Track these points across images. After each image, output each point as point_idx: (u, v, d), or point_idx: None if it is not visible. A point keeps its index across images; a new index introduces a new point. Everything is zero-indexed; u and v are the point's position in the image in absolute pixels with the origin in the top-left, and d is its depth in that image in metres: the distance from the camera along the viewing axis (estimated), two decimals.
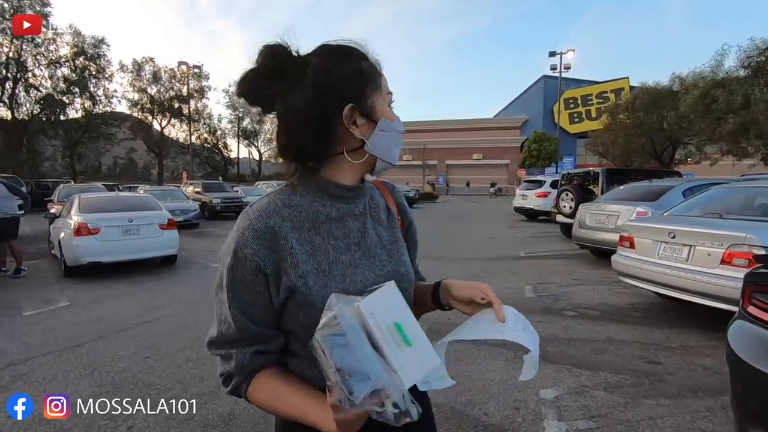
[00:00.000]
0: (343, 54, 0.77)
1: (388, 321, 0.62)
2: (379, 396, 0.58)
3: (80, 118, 29.88)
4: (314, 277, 0.73)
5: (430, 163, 41.47)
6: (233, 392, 0.79)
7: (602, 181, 9.55)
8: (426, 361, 0.64)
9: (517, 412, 2.55)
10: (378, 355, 0.60)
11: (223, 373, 0.79)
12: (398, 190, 0.99)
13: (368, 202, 0.86)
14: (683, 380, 2.94)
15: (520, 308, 3.26)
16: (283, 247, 0.73)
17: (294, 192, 0.79)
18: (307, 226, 0.77)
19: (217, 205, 15.76)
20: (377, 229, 0.85)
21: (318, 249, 0.76)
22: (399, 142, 0.83)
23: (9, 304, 4.99)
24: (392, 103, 0.83)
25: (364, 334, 0.60)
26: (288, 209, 0.76)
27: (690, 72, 19.28)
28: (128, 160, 63.51)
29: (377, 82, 0.78)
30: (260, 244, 0.72)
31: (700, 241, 3.71)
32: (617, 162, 23.72)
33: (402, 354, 0.61)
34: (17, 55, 25.29)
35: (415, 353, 0.63)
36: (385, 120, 0.78)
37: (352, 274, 0.77)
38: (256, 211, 0.75)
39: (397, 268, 0.83)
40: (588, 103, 43.87)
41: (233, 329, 0.75)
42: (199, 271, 6.95)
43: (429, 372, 0.64)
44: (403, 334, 0.63)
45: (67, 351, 3.56)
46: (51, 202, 12.26)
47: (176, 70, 36.07)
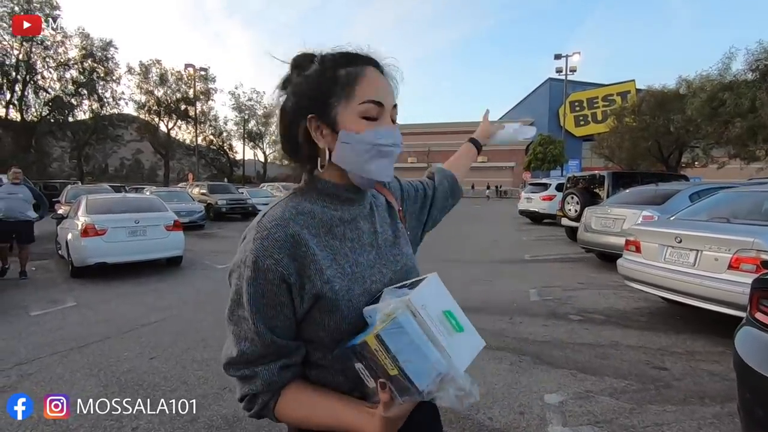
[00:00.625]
0: (318, 64, 0.76)
1: (437, 310, 0.65)
2: (442, 381, 0.61)
3: (88, 119, 30.20)
4: (339, 282, 0.73)
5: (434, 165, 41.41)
6: (259, 413, 0.75)
7: (608, 184, 9.49)
8: (474, 345, 0.69)
9: (521, 417, 2.54)
10: (435, 344, 0.63)
11: (247, 394, 0.74)
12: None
13: (374, 202, 0.88)
14: (690, 386, 2.91)
15: (525, 312, 3.26)
16: (305, 254, 0.72)
17: (303, 199, 0.79)
18: (323, 232, 0.76)
19: (223, 207, 15.82)
20: (384, 227, 0.87)
21: (338, 253, 0.76)
22: (377, 155, 0.75)
23: (17, 304, 5.04)
24: (382, 111, 0.75)
25: (419, 325, 0.63)
26: (302, 216, 0.76)
27: (697, 75, 19.23)
28: (135, 162, 64.03)
29: (352, 94, 0.73)
30: (282, 252, 0.70)
31: (707, 245, 3.68)
32: (623, 165, 23.62)
33: (453, 340, 0.65)
34: (27, 57, 25.58)
35: (465, 338, 0.67)
36: (345, 131, 0.73)
37: (371, 274, 0.78)
38: (272, 220, 0.73)
39: (407, 263, 0.86)
40: (594, 105, 43.74)
41: (257, 346, 0.71)
42: (204, 273, 6.98)
43: (478, 352, 0.69)
44: (454, 320, 0.67)
45: (73, 351, 3.59)
46: (59, 203, 12.38)
47: (183, 73, 36.39)
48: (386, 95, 0.76)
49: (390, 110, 0.77)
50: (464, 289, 5.59)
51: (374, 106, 0.74)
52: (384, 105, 0.75)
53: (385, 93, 0.76)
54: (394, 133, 0.76)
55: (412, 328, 0.61)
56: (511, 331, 4.01)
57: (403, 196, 1.02)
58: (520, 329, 4.08)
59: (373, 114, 0.74)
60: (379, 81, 0.76)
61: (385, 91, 0.77)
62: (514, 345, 3.68)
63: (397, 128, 0.78)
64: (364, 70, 0.75)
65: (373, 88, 0.75)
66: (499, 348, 3.60)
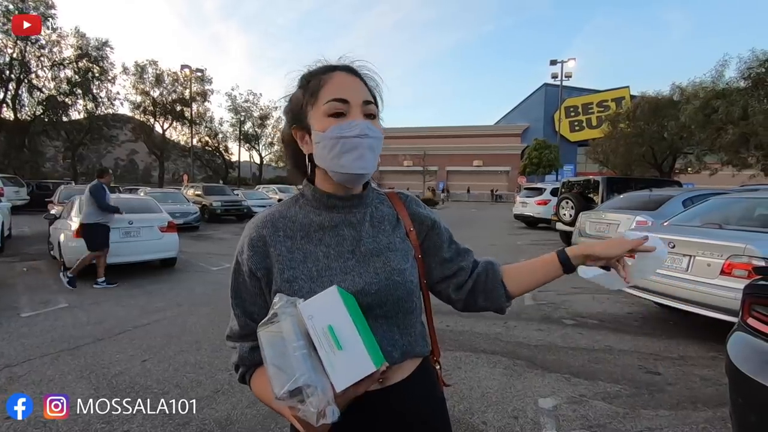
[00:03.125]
0: (301, 80, 0.85)
1: (323, 324, 0.64)
2: (301, 393, 0.61)
3: (82, 119, 29.92)
4: (302, 283, 0.79)
5: (430, 168, 41.53)
6: (240, 380, 0.87)
7: (602, 189, 9.56)
8: (359, 367, 0.64)
9: (515, 421, 2.54)
10: (313, 355, 0.63)
11: (233, 363, 0.87)
12: (412, 198, 0.99)
13: (371, 212, 0.89)
14: (682, 391, 2.93)
15: (520, 316, 3.26)
16: (272, 254, 0.81)
17: (296, 203, 0.88)
18: (300, 235, 0.83)
19: (218, 209, 15.75)
20: (377, 237, 0.86)
21: (309, 256, 0.81)
22: (345, 149, 0.77)
23: (8, 305, 4.97)
24: (348, 107, 0.78)
25: (302, 333, 0.64)
26: (283, 220, 0.85)
27: (690, 82, 19.44)
28: (129, 162, 63.66)
29: (318, 96, 0.80)
30: (253, 250, 0.81)
31: (699, 251, 3.71)
32: (617, 170, 23.77)
33: (335, 357, 0.63)
34: (21, 56, 25.39)
35: (348, 358, 0.63)
36: (315, 132, 0.80)
37: (341, 281, 0.79)
38: (254, 221, 0.86)
39: (391, 277, 0.83)
40: (589, 111, 44.03)
41: (238, 326, 0.85)
42: (198, 275, 6.94)
43: (363, 376, 0.63)
44: (335, 337, 0.64)
45: (64, 353, 3.55)
46: (51, 203, 12.27)
47: (179, 74, 36.22)
48: (352, 92, 0.80)
49: (359, 106, 0.80)
50: None
51: (338, 104, 0.78)
52: (350, 101, 0.79)
53: (350, 90, 0.80)
54: (359, 124, 0.78)
55: (288, 333, 0.63)
56: (506, 335, 4.02)
57: (425, 226, 0.96)
58: (515, 333, 4.08)
59: (340, 110, 0.78)
60: (345, 81, 0.81)
61: (350, 88, 0.80)
62: (508, 349, 3.68)
63: (364, 121, 0.79)
64: (332, 75, 0.81)
65: (337, 88, 0.79)
66: (494, 352, 3.61)
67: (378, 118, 0.84)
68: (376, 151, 0.80)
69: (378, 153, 0.82)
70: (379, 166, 0.83)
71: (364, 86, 0.83)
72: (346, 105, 0.78)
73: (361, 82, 0.83)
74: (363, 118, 0.79)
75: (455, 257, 0.97)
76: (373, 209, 0.90)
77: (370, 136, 0.78)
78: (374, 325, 0.77)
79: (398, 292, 0.82)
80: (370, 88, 0.84)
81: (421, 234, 0.94)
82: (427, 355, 0.93)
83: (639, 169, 23.10)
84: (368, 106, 0.81)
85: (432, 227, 0.96)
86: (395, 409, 0.83)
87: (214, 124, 41.65)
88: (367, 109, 0.80)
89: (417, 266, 0.91)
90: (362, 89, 0.82)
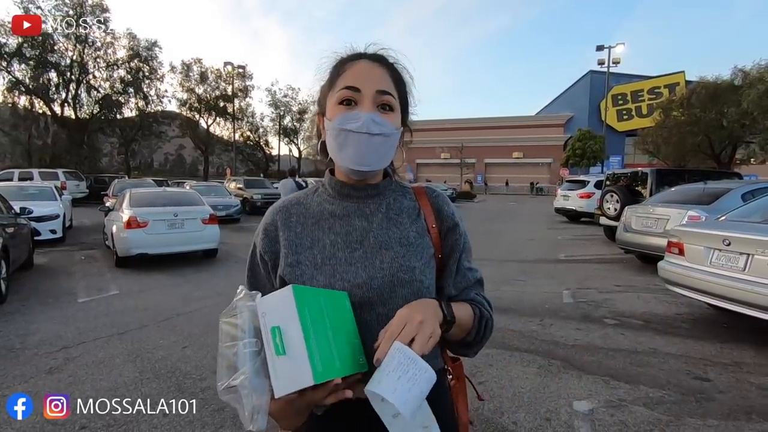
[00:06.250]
0: (331, 68, 0.83)
1: (271, 324, 0.60)
2: (237, 393, 0.58)
3: (134, 116, 31.67)
4: (305, 268, 0.78)
5: (468, 161, 40.75)
6: None
7: (651, 182, 9.03)
8: (298, 377, 0.57)
9: (547, 423, 2.46)
10: (259, 355, 0.61)
11: None
12: (440, 194, 0.90)
13: (388, 203, 0.84)
14: (735, 400, 2.72)
15: (558, 314, 3.15)
16: (281, 238, 0.82)
17: (315, 192, 0.88)
18: (311, 222, 0.83)
19: (257, 201, 16.28)
20: (390, 229, 0.81)
21: (316, 243, 0.81)
22: (346, 142, 0.74)
23: (67, 290, 5.38)
24: (359, 96, 0.75)
25: (255, 330, 0.62)
26: (298, 206, 0.86)
27: (755, 65, 17.92)
28: (178, 157, 66.84)
29: (335, 84, 0.79)
30: (265, 234, 0.84)
31: (759, 249, 3.42)
32: (669, 162, 22.40)
33: (279, 361, 0.58)
34: (80, 58, 27.11)
35: (290, 364, 0.58)
36: (326, 119, 0.80)
37: (344, 271, 0.77)
38: (273, 207, 0.88)
39: (397, 273, 0.76)
40: (639, 99, 41.64)
41: None
42: (238, 265, 7.18)
43: (301, 387, 0.56)
44: (276, 340, 0.59)
45: (114, 337, 3.79)
46: (107, 196, 13.13)
47: (222, 71, 37.46)
48: (367, 80, 0.76)
49: (371, 95, 0.76)
50: (495, 288, 5.47)
51: (349, 92, 0.76)
52: (361, 90, 0.75)
53: (365, 78, 0.76)
54: (362, 116, 0.73)
55: (242, 328, 0.62)
56: (542, 334, 3.89)
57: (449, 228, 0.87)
58: (551, 332, 3.94)
59: (350, 98, 0.76)
60: (363, 69, 0.78)
61: (366, 77, 0.77)
62: (543, 348, 3.56)
63: (371, 113, 0.74)
64: (354, 63, 0.79)
65: (352, 76, 0.77)
66: (528, 351, 3.50)
67: (396, 110, 0.79)
68: (381, 147, 0.76)
69: (387, 149, 0.77)
70: (416, 159, 0.78)
71: (386, 75, 0.78)
72: (357, 93, 0.75)
73: (385, 71, 0.79)
74: (373, 108, 0.75)
75: (457, 274, 0.86)
76: (391, 200, 0.85)
77: (373, 132, 0.73)
78: (376, 326, 0.71)
79: (403, 290, 0.76)
80: (395, 78, 0.80)
81: (441, 232, 0.86)
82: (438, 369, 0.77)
83: (694, 160, 21.66)
84: (383, 97, 0.76)
85: (454, 228, 0.86)
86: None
87: (255, 119, 42.89)
88: (381, 99, 0.76)
89: (434, 266, 0.82)
90: (381, 78, 0.77)
